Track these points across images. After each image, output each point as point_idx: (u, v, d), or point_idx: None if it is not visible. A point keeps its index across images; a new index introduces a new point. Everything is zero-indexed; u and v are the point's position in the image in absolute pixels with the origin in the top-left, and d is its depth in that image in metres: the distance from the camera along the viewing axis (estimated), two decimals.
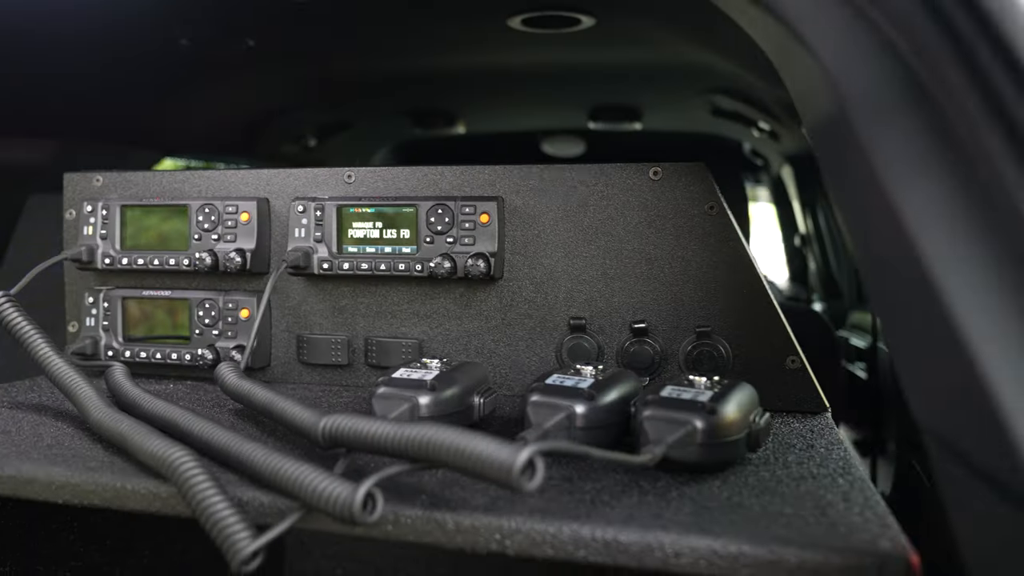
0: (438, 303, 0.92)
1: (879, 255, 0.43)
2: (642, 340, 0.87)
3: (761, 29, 0.58)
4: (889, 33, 0.44)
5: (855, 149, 0.43)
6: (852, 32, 0.45)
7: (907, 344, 0.43)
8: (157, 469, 0.60)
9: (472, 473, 0.48)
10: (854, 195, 0.45)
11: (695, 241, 0.85)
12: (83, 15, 1.12)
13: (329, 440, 0.59)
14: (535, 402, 0.66)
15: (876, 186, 0.40)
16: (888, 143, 0.41)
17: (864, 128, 0.43)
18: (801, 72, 0.52)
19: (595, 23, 1.32)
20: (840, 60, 0.46)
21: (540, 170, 0.89)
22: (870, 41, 0.44)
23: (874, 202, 0.41)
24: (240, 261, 0.93)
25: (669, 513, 0.54)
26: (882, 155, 0.41)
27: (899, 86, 0.43)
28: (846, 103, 0.45)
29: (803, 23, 0.46)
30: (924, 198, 0.39)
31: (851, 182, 0.45)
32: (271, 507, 0.57)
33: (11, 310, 0.81)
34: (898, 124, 0.42)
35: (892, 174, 0.40)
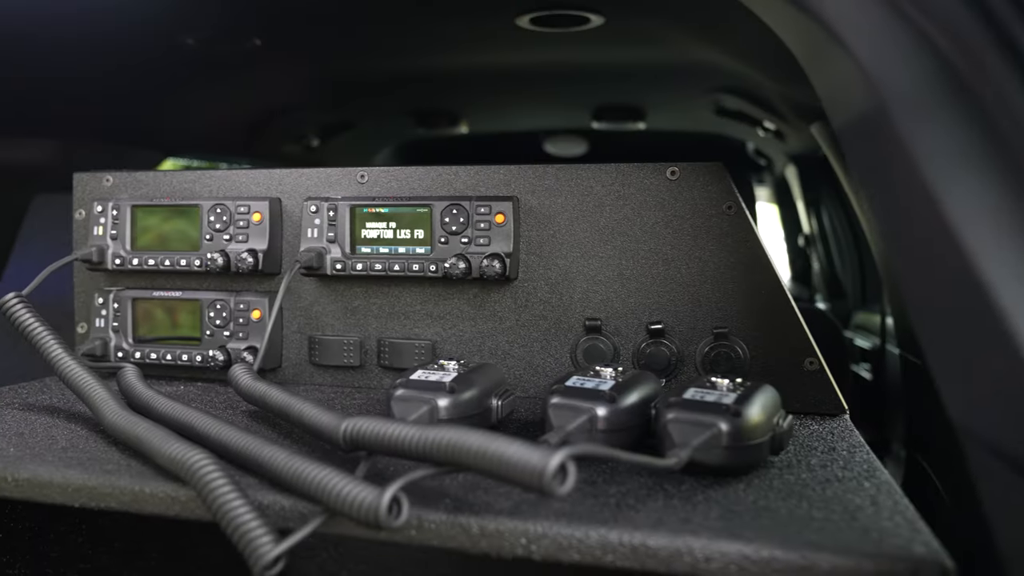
0: (452, 304, 0.91)
1: (919, 252, 0.43)
2: (659, 341, 0.86)
3: (791, 27, 0.57)
4: (927, 29, 0.43)
5: (894, 145, 0.43)
6: (890, 29, 0.44)
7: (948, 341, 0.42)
8: (176, 473, 0.59)
9: (500, 477, 0.47)
10: (891, 192, 0.45)
11: (712, 241, 0.85)
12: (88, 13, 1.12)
13: (350, 443, 0.59)
14: (556, 404, 0.65)
15: (917, 181, 0.40)
16: (928, 138, 0.41)
17: (903, 124, 0.42)
18: (834, 70, 0.52)
19: (604, 22, 1.31)
20: (878, 57, 0.46)
21: (556, 170, 0.88)
22: (908, 37, 0.44)
23: (914, 198, 0.40)
24: (252, 262, 0.92)
25: (697, 517, 0.53)
26: (922, 150, 0.40)
27: (938, 81, 0.42)
28: (884, 99, 0.44)
29: (839, 21, 0.46)
30: (967, 192, 0.39)
31: (889, 179, 0.45)
32: (292, 511, 0.56)
33: (23, 311, 0.80)
34: (938, 119, 0.41)
35: (933, 168, 0.39)
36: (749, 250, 0.84)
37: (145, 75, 1.46)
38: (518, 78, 1.92)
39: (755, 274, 0.84)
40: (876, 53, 0.46)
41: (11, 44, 1.17)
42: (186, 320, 0.97)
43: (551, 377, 0.89)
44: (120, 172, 1.02)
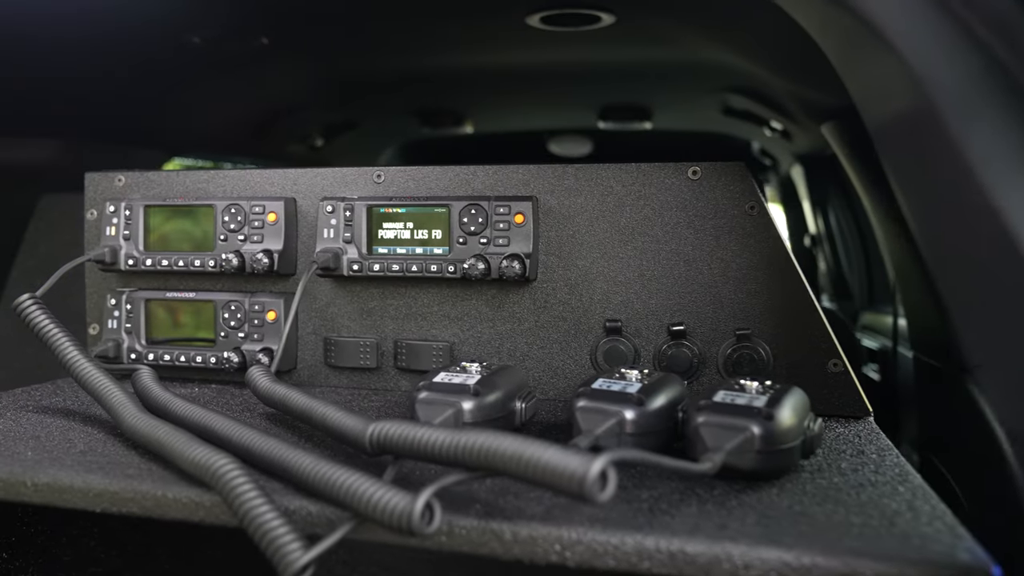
0: (469, 305, 0.90)
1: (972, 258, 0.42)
2: (680, 343, 0.85)
3: (826, 25, 0.56)
4: (975, 26, 0.42)
5: (942, 146, 0.42)
6: (936, 25, 0.43)
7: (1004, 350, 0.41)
8: (199, 477, 0.58)
9: (537, 482, 0.46)
10: (938, 194, 0.44)
11: (735, 242, 0.84)
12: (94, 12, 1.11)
13: (377, 447, 0.58)
14: (584, 408, 0.64)
15: (972, 186, 0.39)
16: (983, 140, 0.40)
17: (953, 124, 0.41)
18: (873, 68, 0.51)
19: (615, 21, 1.31)
20: (924, 54, 0.45)
21: (575, 169, 0.87)
22: (955, 34, 0.43)
23: (969, 203, 0.39)
24: (267, 262, 0.91)
25: (733, 523, 0.52)
26: (977, 153, 0.39)
27: (988, 80, 0.41)
28: (931, 98, 0.43)
29: (883, 18, 0.45)
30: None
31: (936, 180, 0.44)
32: (319, 517, 0.55)
33: (37, 312, 0.79)
34: (990, 119, 0.40)
35: (991, 174, 0.38)
36: (772, 251, 0.83)
37: (150, 75, 1.46)
38: (524, 78, 1.92)
39: (778, 275, 0.83)
40: (922, 50, 0.45)
41: (15, 43, 1.16)
42: (200, 321, 0.96)
43: (570, 379, 0.88)
44: (132, 172, 1.01)
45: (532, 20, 1.31)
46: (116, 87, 1.48)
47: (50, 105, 1.47)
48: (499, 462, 0.48)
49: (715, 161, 0.84)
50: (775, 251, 0.83)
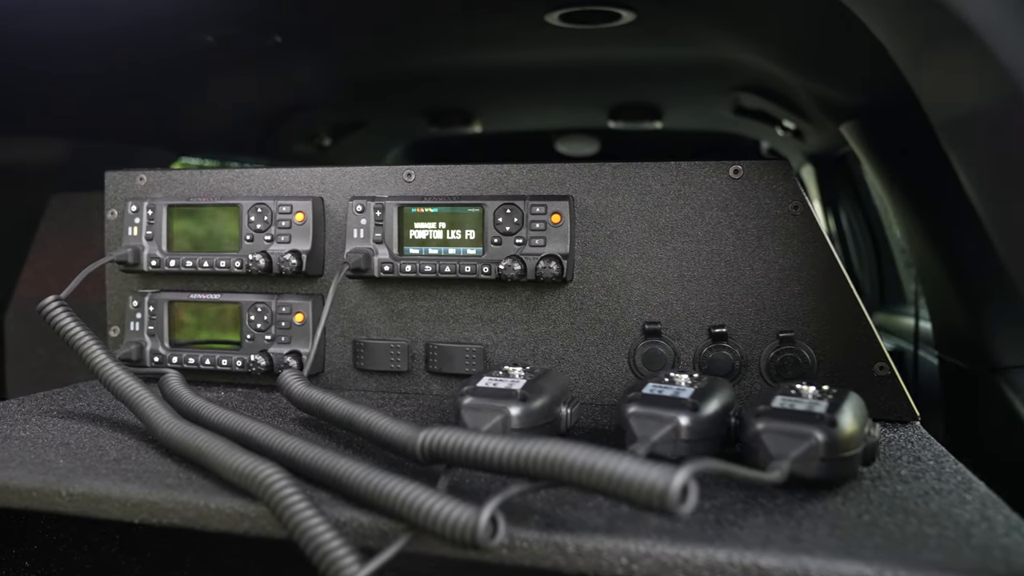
0: (503, 307, 0.88)
1: None
2: (721, 346, 0.83)
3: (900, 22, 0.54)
4: None
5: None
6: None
7: None
8: (243, 487, 0.56)
9: (610, 494, 0.44)
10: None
11: (777, 242, 0.82)
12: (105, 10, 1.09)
13: (429, 455, 0.56)
14: (637, 414, 0.62)
15: None
16: None
17: None
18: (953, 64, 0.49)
19: (635, 19, 1.29)
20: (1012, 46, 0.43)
21: (613, 168, 0.85)
22: None
23: None
24: (296, 263, 0.89)
25: (805, 535, 0.50)
26: None
27: None
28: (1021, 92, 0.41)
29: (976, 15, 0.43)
30: None
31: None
32: (372, 529, 0.53)
33: (63, 314, 0.77)
34: None
35: None
36: (816, 251, 0.81)
37: (161, 74, 1.44)
38: (536, 77, 1.90)
39: (822, 276, 0.81)
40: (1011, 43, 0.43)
41: (25, 41, 1.13)
42: (225, 323, 0.94)
43: (607, 383, 0.86)
44: (154, 170, 0.99)
45: (551, 18, 1.29)
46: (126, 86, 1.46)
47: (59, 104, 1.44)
48: (569, 473, 0.46)
49: (749, 161, 0.82)
50: (819, 251, 0.81)
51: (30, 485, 0.60)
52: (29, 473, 0.61)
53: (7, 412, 0.81)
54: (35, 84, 1.32)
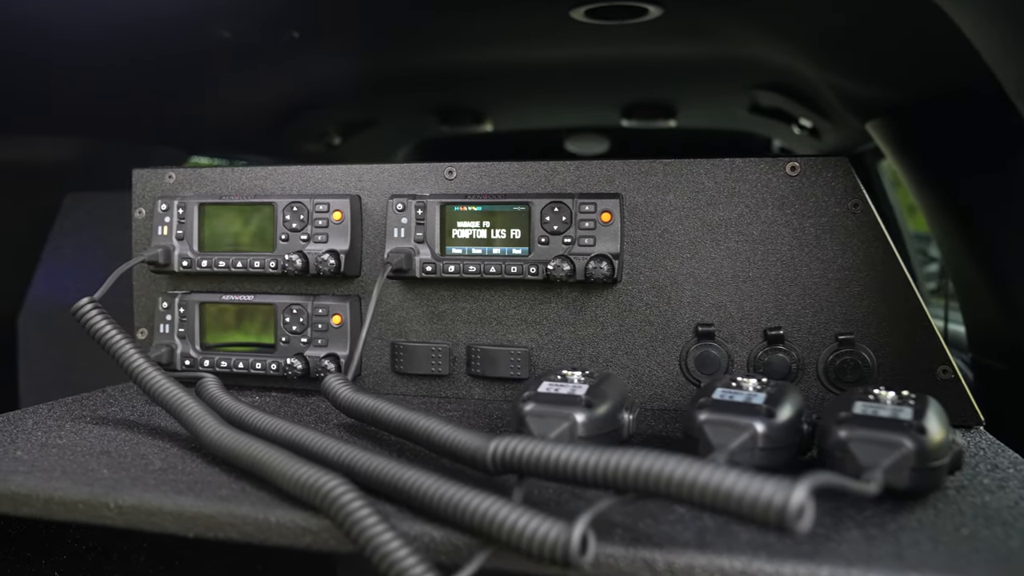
0: (549, 308, 0.85)
1: None
2: (777, 348, 0.80)
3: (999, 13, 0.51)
4: None
5: None
6: None
7: None
8: (305, 499, 0.53)
9: (717, 509, 0.42)
10: None
11: (837, 241, 0.79)
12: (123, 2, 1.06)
13: (502, 465, 0.53)
14: (711, 420, 0.59)
15: None
16: None
17: None
18: None
19: (662, 14, 1.26)
20: None
21: (664, 165, 0.83)
22: None
23: None
24: (334, 263, 0.86)
25: (909, 551, 0.48)
26: None
27: None
28: None
29: None
30: None
31: None
32: (444, 544, 0.51)
33: (99, 317, 0.74)
34: None
35: None
36: (877, 250, 0.78)
37: (173, 71, 1.41)
38: (551, 75, 1.88)
39: (883, 276, 0.78)
40: None
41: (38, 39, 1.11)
42: (258, 326, 0.91)
43: (657, 387, 0.84)
44: (183, 168, 0.96)
45: (577, 13, 1.26)
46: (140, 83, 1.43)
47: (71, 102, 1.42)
48: (667, 486, 0.43)
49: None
50: (880, 251, 0.78)
51: (76, 497, 0.57)
52: (74, 484, 0.59)
53: (39, 418, 0.78)
54: (47, 81, 1.29)
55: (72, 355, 1.49)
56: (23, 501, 0.59)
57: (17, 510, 0.59)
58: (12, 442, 0.70)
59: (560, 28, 1.36)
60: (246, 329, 0.92)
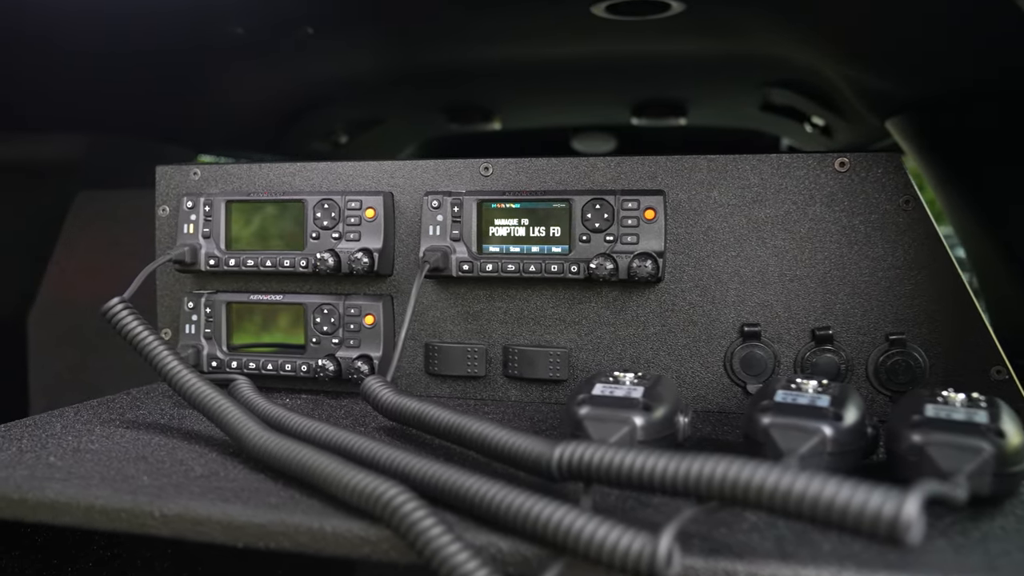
0: (588, 308, 0.83)
1: None
2: (825, 349, 0.78)
3: None
4: None
5: None
6: None
7: None
8: (361, 507, 0.51)
9: (815, 520, 0.39)
10: None
11: (887, 238, 0.77)
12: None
13: (567, 472, 0.51)
14: (777, 424, 0.57)
15: None
16: None
17: None
18: None
19: (684, 9, 1.24)
20: None
21: (707, 161, 0.81)
22: None
23: None
24: (368, 262, 0.83)
25: (1002, 562, 0.45)
26: None
27: None
28: None
29: None
30: None
31: None
32: (512, 554, 0.48)
33: (130, 317, 0.72)
34: None
35: None
36: (928, 248, 0.76)
37: (183, 69, 1.39)
38: (563, 72, 1.86)
39: (935, 275, 0.76)
40: None
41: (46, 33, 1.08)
42: (287, 326, 0.89)
43: (701, 388, 0.82)
44: (208, 165, 0.93)
45: (597, 9, 1.24)
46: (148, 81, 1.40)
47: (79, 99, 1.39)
48: (758, 494, 0.41)
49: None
50: (932, 249, 0.76)
51: (118, 505, 0.55)
52: (115, 492, 0.56)
53: (67, 422, 0.76)
54: (55, 78, 1.26)
55: (83, 355, 1.46)
56: (62, 510, 0.56)
57: (56, 519, 0.56)
58: (43, 447, 0.67)
59: (579, 24, 1.34)
60: (274, 330, 0.89)
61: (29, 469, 0.61)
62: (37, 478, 0.59)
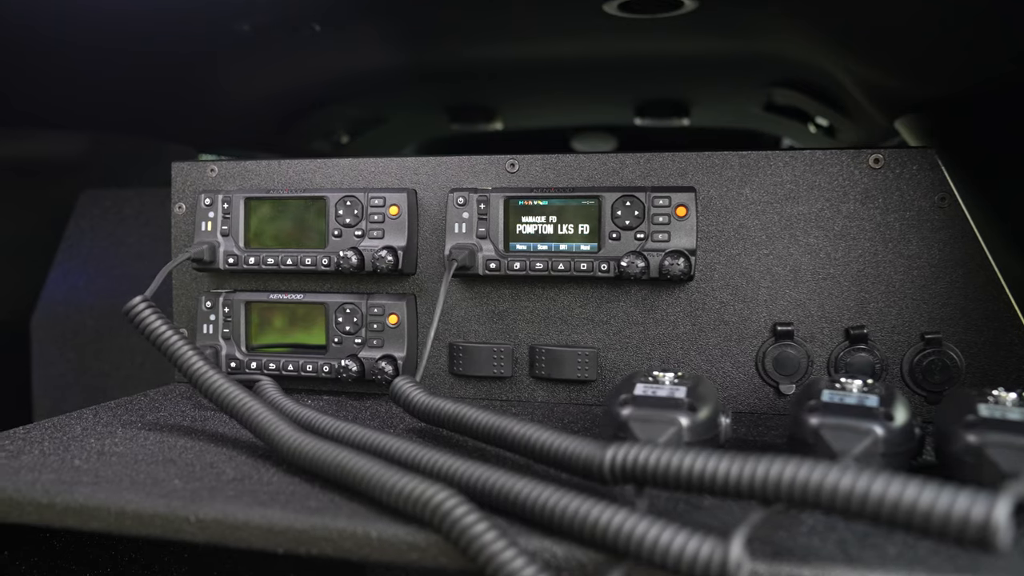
0: (617, 307, 0.82)
1: None
2: (859, 348, 0.77)
3: None
4: None
5: None
6: None
7: None
8: (409, 512, 0.49)
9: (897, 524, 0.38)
10: None
11: (922, 236, 0.76)
12: None
13: (621, 475, 0.49)
14: (828, 425, 0.56)
15: None
16: None
17: None
18: None
19: (698, 7, 1.23)
20: None
21: (739, 157, 0.79)
22: None
23: None
24: (392, 260, 0.82)
25: None
26: None
27: None
28: None
29: None
30: None
31: None
32: (568, 560, 0.47)
33: (153, 317, 0.70)
34: None
35: None
36: (964, 246, 0.75)
37: (186, 67, 1.37)
38: (567, 72, 1.84)
39: (971, 273, 0.75)
40: None
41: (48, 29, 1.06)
42: (308, 326, 0.87)
43: (731, 388, 0.80)
44: (225, 161, 0.92)
45: (610, 7, 1.23)
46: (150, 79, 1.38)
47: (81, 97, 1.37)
48: (831, 497, 0.40)
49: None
50: (968, 246, 0.75)
51: (152, 510, 0.53)
52: (148, 496, 0.54)
53: (87, 424, 0.74)
54: (57, 77, 1.24)
55: (86, 357, 1.44)
56: (92, 515, 0.54)
57: (85, 524, 0.55)
58: (66, 450, 0.65)
59: (590, 22, 1.33)
60: (294, 330, 0.88)
61: (55, 472, 0.59)
62: (64, 482, 0.57)
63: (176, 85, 1.47)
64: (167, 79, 1.41)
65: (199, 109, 1.68)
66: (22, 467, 0.60)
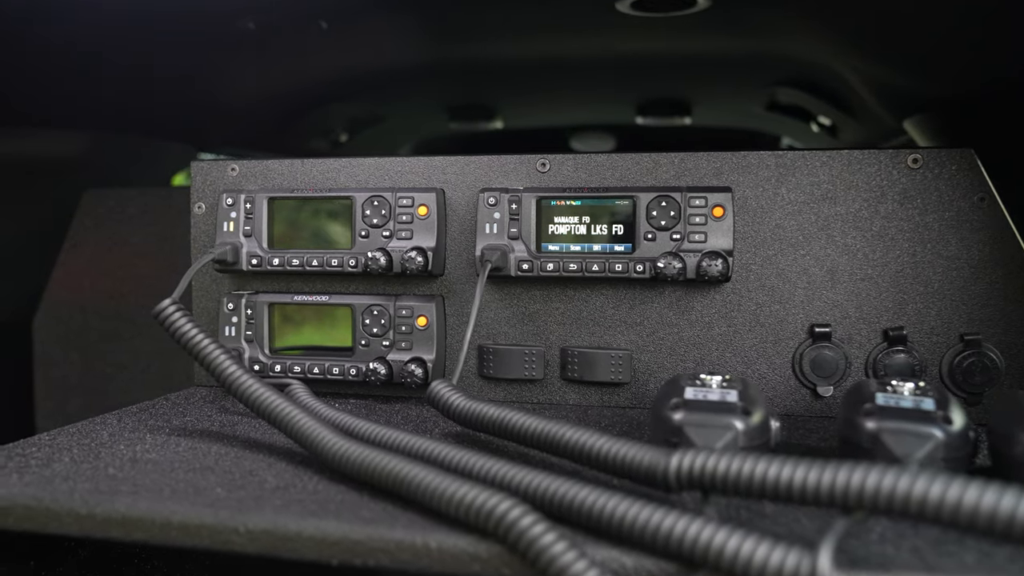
0: (651, 308, 0.81)
1: None
2: (897, 349, 0.76)
3: None
4: None
5: None
6: None
7: None
8: (470, 522, 0.48)
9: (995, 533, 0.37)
10: None
11: (961, 237, 0.76)
12: None
13: (688, 482, 0.48)
14: (888, 429, 0.55)
15: None
16: None
17: None
18: None
19: (711, 5, 1.22)
20: None
21: (775, 157, 0.78)
22: None
23: None
24: (421, 261, 0.80)
25: None
26: None
27: None
28: None
29: None
30: None
31: None
32: (636, 569, 0.46)
33: (183, 320, 0.68)
34: None
35: None
36: (1004, 246, 0.75)
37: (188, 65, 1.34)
38: (570, 70, 1.83)
39: (1011, 273, 0.75)
40: None
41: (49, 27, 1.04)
42: (333, 328, 0.85)
43: (768, 390, 0.79)
44: (246, 160, 0.90)
45: (622, 5, 1.22)
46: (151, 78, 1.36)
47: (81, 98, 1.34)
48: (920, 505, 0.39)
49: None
50: (1008, 246, 0.75)
51: (199, 520, 0.51)
52: (193, 506, 0.53)
53: (112, 430, 0.72)
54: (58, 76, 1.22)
55: (89, 357, 1.41)
56: (135, 525, 0.53)
57: (128, 535, 0.53)
58: (97, 457, 0.63)
59: (600, 20, 1.32)
60: (319, 332, 0.86)
61: (90, 481, 0.57)
62: (102, 491, 0.55)
63: (176, 84, 1.44)
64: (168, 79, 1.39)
65: (199, 109, 1.66)
66: (55, 476, 0.58)
